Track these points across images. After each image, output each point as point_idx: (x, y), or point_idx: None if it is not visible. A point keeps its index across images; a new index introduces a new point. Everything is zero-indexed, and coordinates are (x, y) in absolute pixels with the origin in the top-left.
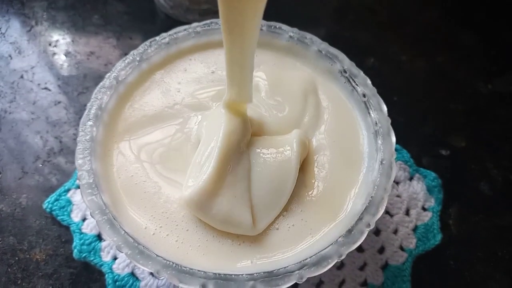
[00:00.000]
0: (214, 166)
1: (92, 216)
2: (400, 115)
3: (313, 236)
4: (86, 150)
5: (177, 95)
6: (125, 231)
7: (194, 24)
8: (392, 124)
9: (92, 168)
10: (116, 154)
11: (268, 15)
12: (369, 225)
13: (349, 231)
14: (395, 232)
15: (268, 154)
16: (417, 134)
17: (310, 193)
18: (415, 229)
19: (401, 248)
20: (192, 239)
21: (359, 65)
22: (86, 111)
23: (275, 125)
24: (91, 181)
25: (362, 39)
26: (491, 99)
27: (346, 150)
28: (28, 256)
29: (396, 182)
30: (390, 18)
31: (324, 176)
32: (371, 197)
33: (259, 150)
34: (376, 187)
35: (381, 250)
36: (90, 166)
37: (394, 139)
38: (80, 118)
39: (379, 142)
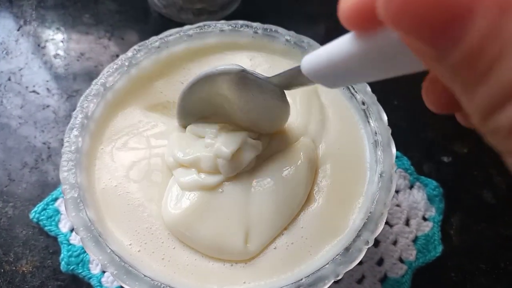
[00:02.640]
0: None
1: (77, 233)
2: (401, 120)
3: (312, 255)
4: (70, 162)
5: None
6: (111, 249)
7: (186, 27)
8: (392, 130)
9: (77, 182)
10: (101, 163)
11: (268, 14)
12: (367, 242)
13: (347, 249)
14: (395, 243)
15: (273, 169)
16: (418, 140)
17: (312, 207)
18: (415, 240)
19: (401, 260)
20: (179, 258)
21: None
22: (72, 120)
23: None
24: (75, 195)
25: None
26: None
27: (350, 161)
28: (14, 268)
29: (396, 191)
30: None
31: (328, 188)
32: (370, 212)
33: (263, 165)
34: (375, 201)
35: (380, 262)
36: (75, 179)
37: (394, 150)
38: (69, 123)
39: (379, 153)
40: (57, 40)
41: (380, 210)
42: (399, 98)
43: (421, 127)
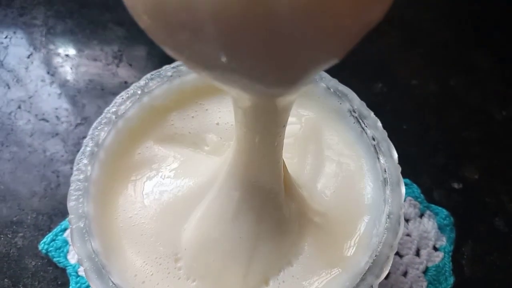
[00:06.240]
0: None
1: (81, 264)
2: (410, 145)
3: None
4: (79, 191)
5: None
6: (113, 283)
7: None
8: (401, 156)
9: (84, 211)
10: (115, 194)
11: None
12: (371, 287)
13: None
14: (405, 274)
15: None
16: (428, 166)
17: (303, 243)
18: (425, 271)
19: None
20: None
21: (367, 91)
22: (82, 148)
23: None
24: (81, 225)
25: (369, 62)
26: (506, 126)
27: (347, 201)
28: None
29: (406, 220)
30: (400, 38)
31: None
32: (376, 255)
33: None
34: (381, 244)
35: None
36: (82, 208)
37: (403, 190)
38: (78, 151)
39: (387, 192)
40: (66, 67)
41: (386, 254)
42: (408, 122)
43: (431, 152)
